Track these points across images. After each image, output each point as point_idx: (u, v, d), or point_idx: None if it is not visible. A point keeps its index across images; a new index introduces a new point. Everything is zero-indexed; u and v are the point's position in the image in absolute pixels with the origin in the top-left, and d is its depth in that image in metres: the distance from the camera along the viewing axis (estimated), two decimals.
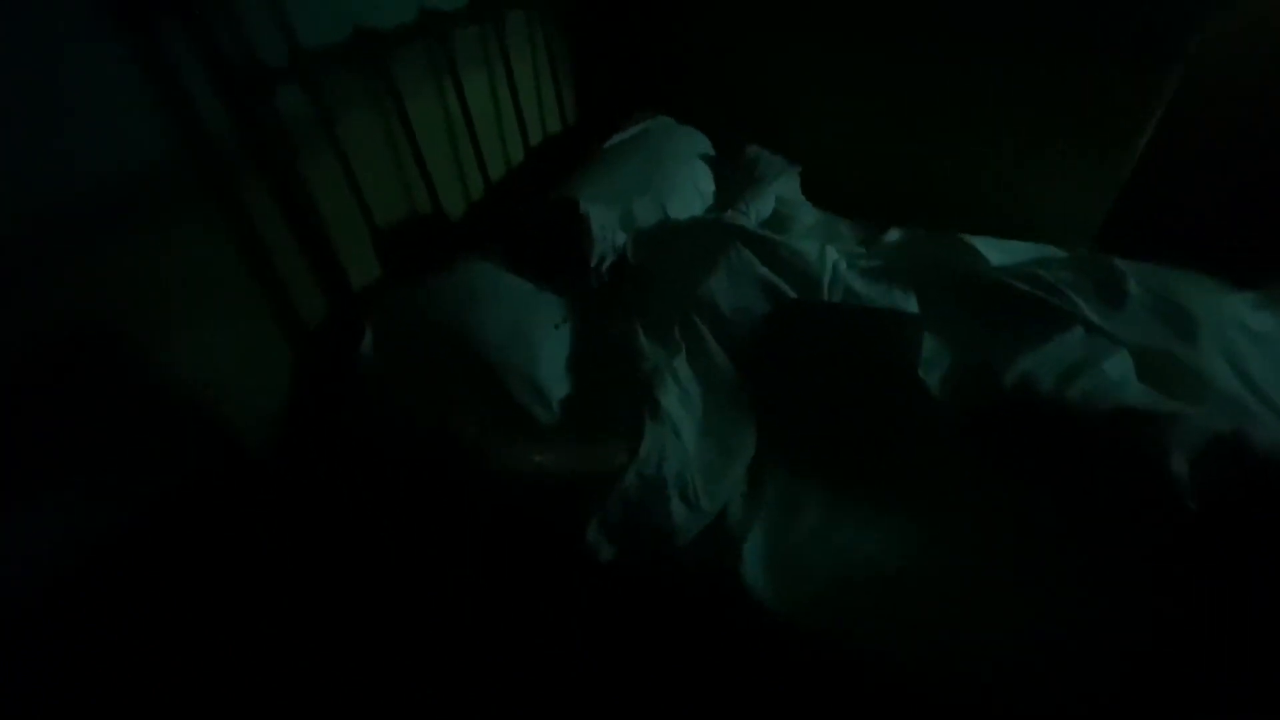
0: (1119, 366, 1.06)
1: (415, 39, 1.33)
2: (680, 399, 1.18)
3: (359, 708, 1.23)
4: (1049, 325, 1.11)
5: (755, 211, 1.61)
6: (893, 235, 1.67)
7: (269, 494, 1.31)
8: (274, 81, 1.10)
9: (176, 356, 1.11)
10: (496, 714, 1.18)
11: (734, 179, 1.71)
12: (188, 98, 1.02)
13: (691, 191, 1.65)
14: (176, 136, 1.03)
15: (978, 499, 1.04)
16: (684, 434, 1.13)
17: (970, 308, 1.20)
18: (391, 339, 1.31)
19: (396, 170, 1.41)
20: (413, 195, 1.46)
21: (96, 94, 0.94)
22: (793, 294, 1.24)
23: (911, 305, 1.22)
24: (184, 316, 1.11)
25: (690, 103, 1.90)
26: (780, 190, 1.68)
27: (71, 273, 0.95)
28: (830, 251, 1.31)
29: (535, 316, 1.30)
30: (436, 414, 1.17)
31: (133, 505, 1.09)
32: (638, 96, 1.96)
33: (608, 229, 1.38)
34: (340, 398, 1.32)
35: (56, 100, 0.90)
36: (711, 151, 1.80)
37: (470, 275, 1.35)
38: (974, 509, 1.04)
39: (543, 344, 1.26)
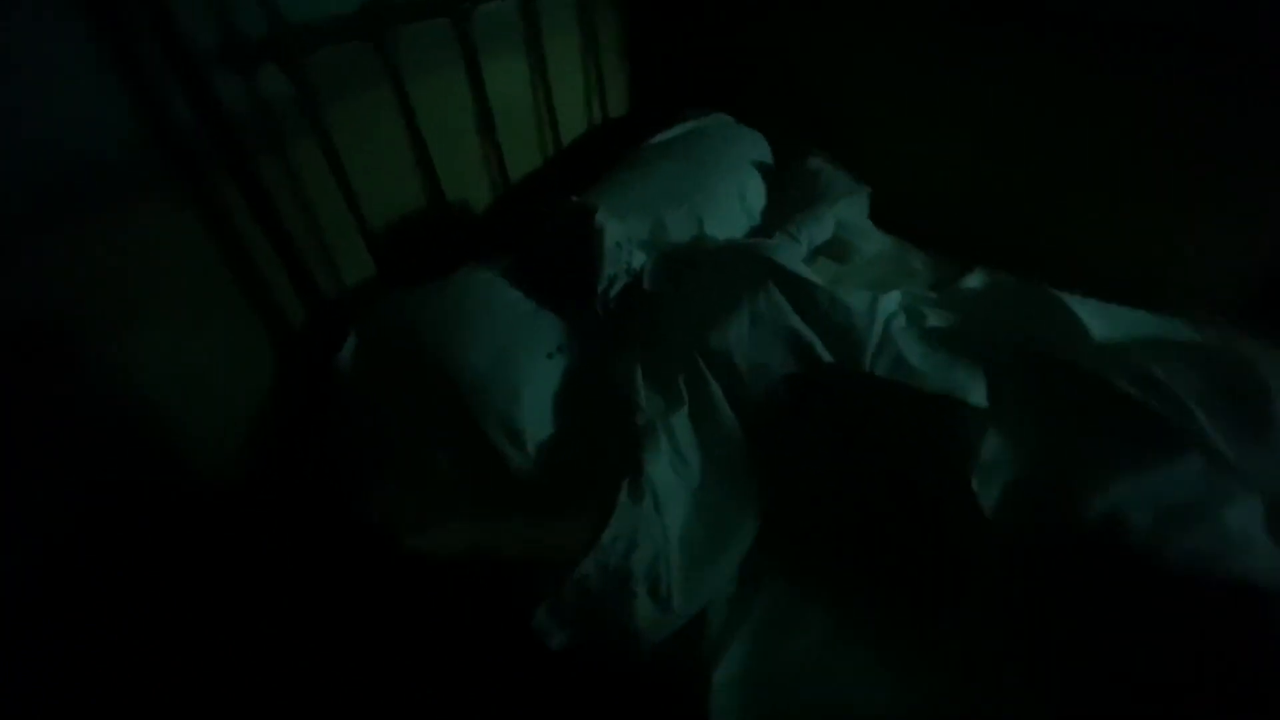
0: (1244, 517, 0.78)
1: (428, 14, 1.17)
2: (673, 463, 1.00)
3: None
4: (1157, 446, 0.84)
5: (808, 236, 1.38)
6: (974, 280, 1.39)
7: (237, 510, 1.22)
8: (250, 59, 0.98)
9: (137, 356, 1.02)
10: None
11: (790, 195, 1.48)
12: (151, 76, 0.91)
13: (736, 206, 1.43)
14: (139, 118, 0.93)
15: (1025, 656, 0.81)
16: (669, 510, 0.95)
17: (1055, 405, 0.94)
18: (374, 349, 1.19)
19: (405, 163, 1.27)
20: (423, 192, 1.32)
21: (45, 68, 0.84)
22: (827, 356, 1.01)
23: (978, 390, 0.97)
24: (148, 313, 1.02)
25: (756, 100, 1.66)
26: (843, 213, 1.43)
27: (15, 262, 0.86)
28: (885, 304, 1.07)
29: (528, 343, 1.14)
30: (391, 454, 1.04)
31: (82, 520, 1.02)
32: (698, 88, 1.73)
33: (624, 247, 1.19)
34: (317, 408, 1.21)
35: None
36: (769, 159, 1.56)
37: (466, 287, 1.20)
38: (1018, 668, 0.81)
39: (530, 376, 1.10)
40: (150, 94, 0.92)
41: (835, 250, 1.47)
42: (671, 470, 0.99)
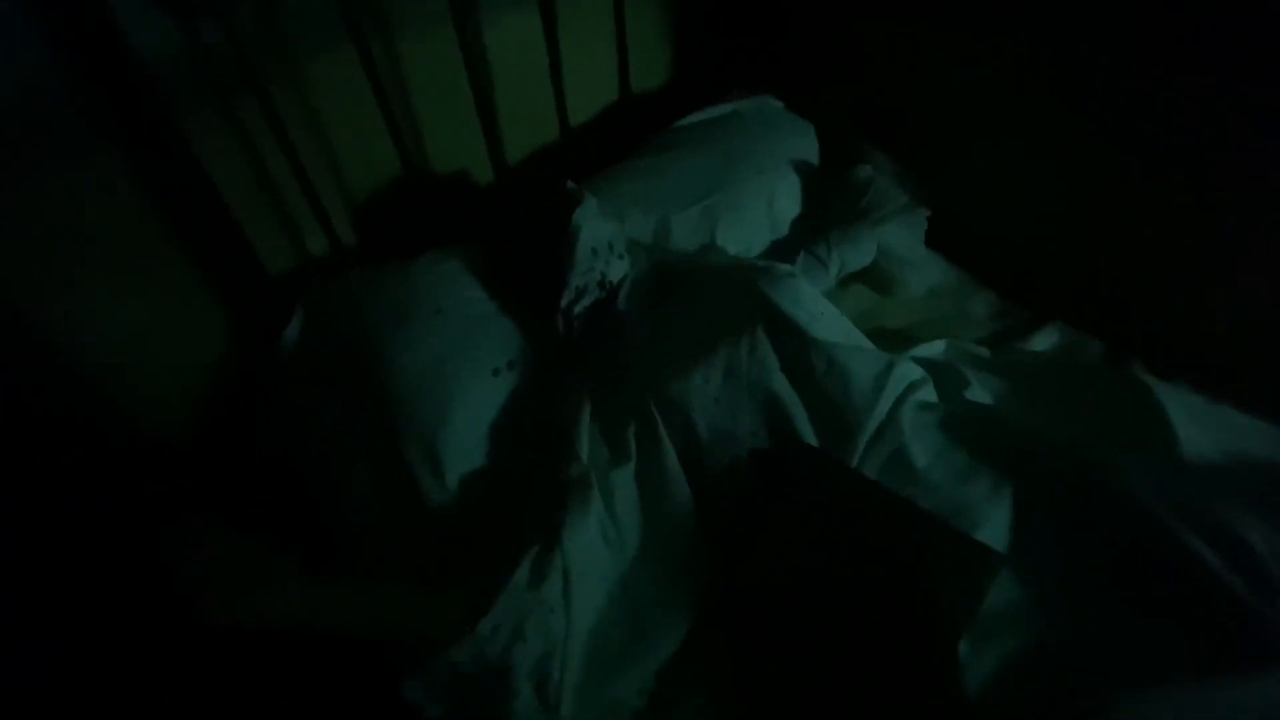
0: None
1: None
2: (604, 530, 0.83)
3: None
4: (1229, 648, 0.60)
5: (839, 260, 1.14)
6: (1044, 339, 1.13)
7: (185, 472, 1.15)
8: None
9: (69, 317, 0.94)
10: None
11: (830, 206, 1.23)
12: (67, 17, 0.79)
13: (760, 213, 1.20)
14: (59, 64, 0.82)
15: None
16: (584, 591, 0.78)
17: (1098, 556, 0.70)
18: (318, 330, 1.07)
19: (388, 128, 1.12)
20: (407, 163, 1.17)
21: None
22: (810, 435, 0.80)
23: (997, 516, 0.74)
24: (80, 274, 0.93)
25: (814, 83, 1.39)
26: (890, 238, 1.17)
27: None
28: (900, 375, 0.83)
29: (474, 353, 0.98)
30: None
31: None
32: (749, 63, 1.48)
33: (600, 255, 1.00)
34: (258, 387, 1.12)
35: None
36: (814, 159, 1.31)
37: (422, 276, 1.06)
38: None
39: (467, 393, 0.96)
40: (69, 38, 0.81)
41: (876, 278, 1.23)
42: (601, 539, 0.83)
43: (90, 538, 1.03)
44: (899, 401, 0.82)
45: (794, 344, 0.83)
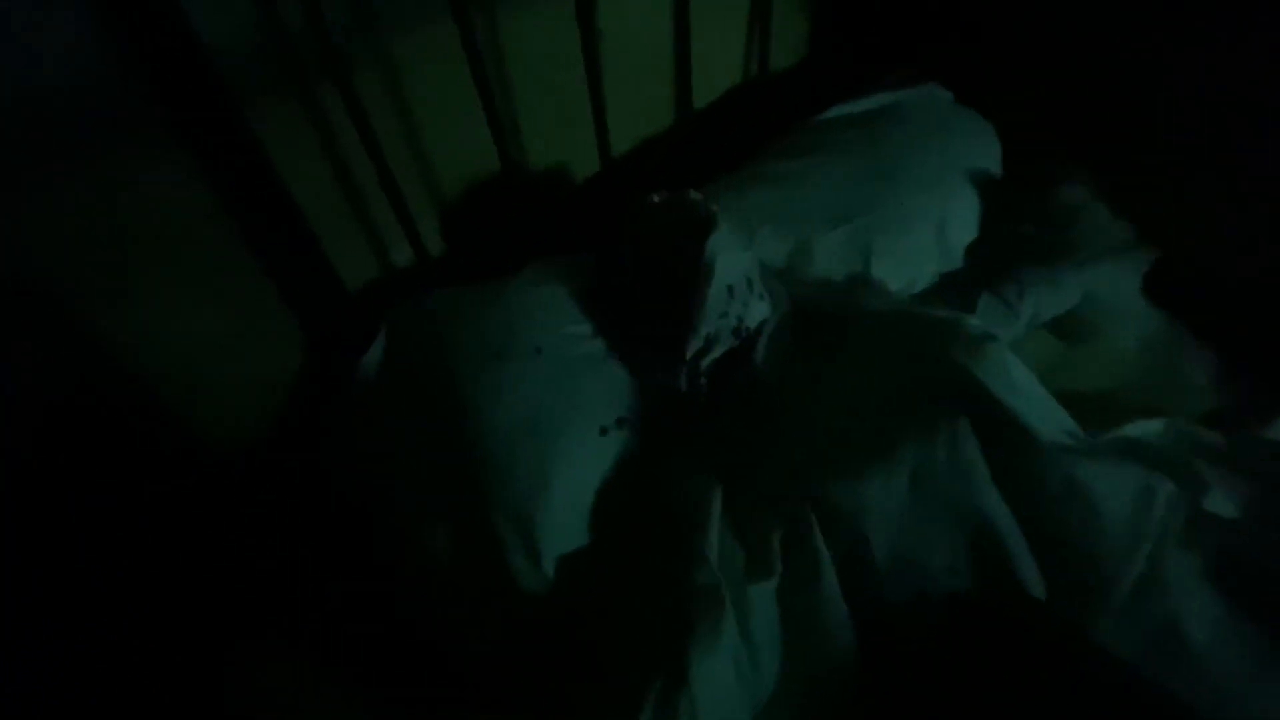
0: None
1: None
2: (736, 661, 0.66)
3: None
4: None
5: (1033, 306, 0.90)
6: None
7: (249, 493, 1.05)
8: None
9: (139, 326, 0.84)
10: None
11: (1022, 233, 0.98)
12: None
13: (927, 239, 0.97)
14: (122, 51, 0.68)
15: None
16: None
17: None
18: (401, 358, 0.93)
19: (486, 116, 0.95)
20: (502, 154, 1.00)
21: None
22: (1038, 587, 0.59)
23: None
24: (152, 282, 0.83)
25: (996, 71, 1.12)
26: (1100, 283, 0.92)
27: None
28: (1162, 496, 0.61)
29: (579, 405, 0.81)
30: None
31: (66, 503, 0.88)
32: (909, 40, 1.22)
33: (737, 294, 0.80)
34: (330, 416, 0.99)
35: None
36: (997, 169, 1.05)
37: (520, 305, 0.89)
38: None
39: (570, 456, 0.79)
40: (128, 25, 0.67)
41: (1068, 325, 0.98)
42: (733, 670, 0.65)
43: (120, 540, 0.96)
44: (1160, 534, 0.59)
45: (1016, 451, 0.62)
